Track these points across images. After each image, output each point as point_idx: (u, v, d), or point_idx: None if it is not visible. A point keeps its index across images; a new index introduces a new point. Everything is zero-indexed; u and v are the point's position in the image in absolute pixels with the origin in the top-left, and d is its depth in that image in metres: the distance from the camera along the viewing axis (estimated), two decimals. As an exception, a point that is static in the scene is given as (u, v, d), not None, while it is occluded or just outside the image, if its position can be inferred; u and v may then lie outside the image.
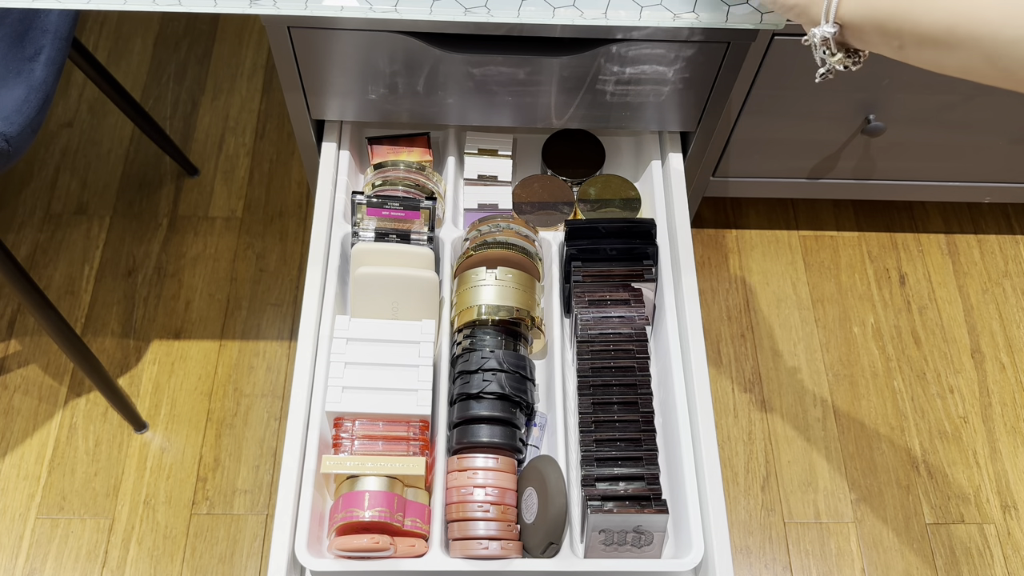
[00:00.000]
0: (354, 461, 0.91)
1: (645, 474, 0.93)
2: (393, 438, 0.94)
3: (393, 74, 1.04)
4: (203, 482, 1.34)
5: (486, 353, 0.96)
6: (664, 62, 1.02)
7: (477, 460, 0.92)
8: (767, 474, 1.38)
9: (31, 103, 1.08)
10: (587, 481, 0.93)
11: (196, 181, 1.63)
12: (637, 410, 0.97)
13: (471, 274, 1.02)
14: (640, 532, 0.89)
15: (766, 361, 1.48)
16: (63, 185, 1.61)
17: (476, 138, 1.18)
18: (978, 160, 1.42)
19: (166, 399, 1.41)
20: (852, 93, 1.28)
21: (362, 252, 1.03)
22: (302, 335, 1.00)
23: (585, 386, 0.99)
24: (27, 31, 1.13)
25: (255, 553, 1.29)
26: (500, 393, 0.94)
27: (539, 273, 1.06)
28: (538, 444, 1.02)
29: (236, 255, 1.55)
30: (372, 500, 0.88)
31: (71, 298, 1.49)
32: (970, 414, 1.45)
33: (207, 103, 1.72)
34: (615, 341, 1.01)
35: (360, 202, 1.04)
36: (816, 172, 1.44)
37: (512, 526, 0.91)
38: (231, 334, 1.46)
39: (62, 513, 1.31)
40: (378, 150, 1.15)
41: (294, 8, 0.91)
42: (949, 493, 1.38)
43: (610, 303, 1.04)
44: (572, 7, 0.92)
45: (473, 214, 1.13)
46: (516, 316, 1.00)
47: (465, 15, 0.91)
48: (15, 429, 1.37)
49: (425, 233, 1.05)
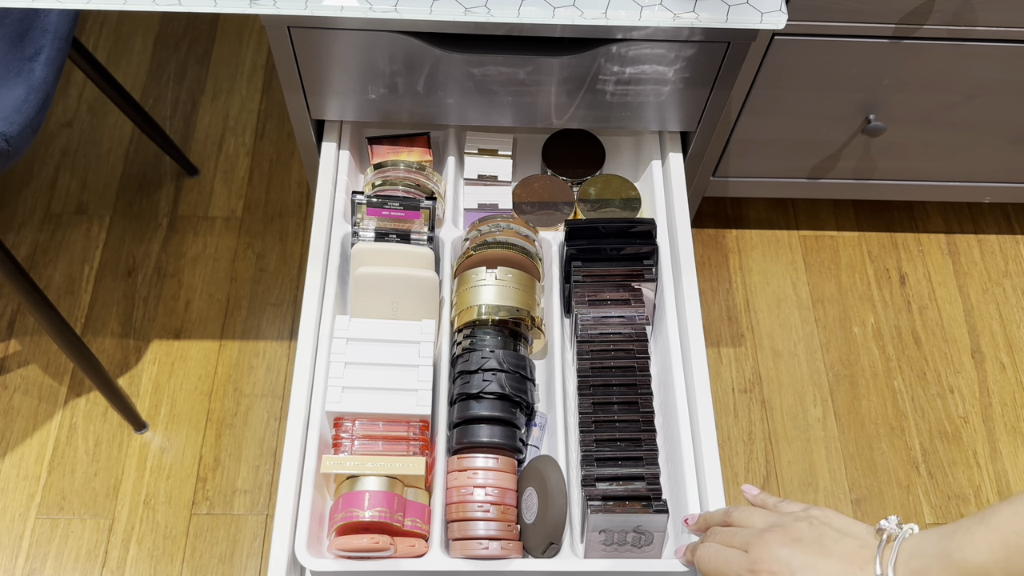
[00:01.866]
0: (354, 461, 0.91)
1: (645, 474, 0.93)
2: (393, 438, 0.94)
3: (393, 74, 1.04)
4: (203, 482, 1.34)
5: (486, 353, 0.96)
6: (664, 62, 1.02)
7: (477, 460, 0.92)
8: (767, 474, 1.38)
9: (31, 103, 1.08)
10: (587, 481, 0.93)
11: (196, 181, 1.63)
12: (637, 410, 0.97)
13: (471, 274, 1.02)
14: (640, 532, 0.89)
15: (766, 361, 1.48)
16: (63, 185, 1.61)
17: (476, 138, 1.18)
18: (978, 160, 1.42)
19: (166, 399, 1.41)
20: (852, 93, 1.28)
21: (362, 252, 1.03)
22: (302, 335, 1.00)
23: (585, 386, 0.99)
24: (27, 31, 1.12)
25: (255, 553, 1.29)
26: (500, 393, 0.94)
27: (539, 273, 1.06)
28: (538, 444, 1.02)
29: (236, 255, 1.55)
30: (372, 500, 0.88)
31: (71, 298, 1.49)
32: (970, 414, 1.45)
33: (207, 103, 1.72)
34: (615, 341, 1.01)
35: (360, 202, 1.04)
36: (816, 172, 1.44)
37: (512, 526, 0.90)
38: (231, 334, 1.46)
39: (62, 513, 1.31)
40: (378, 150, 1.15)
41: (294, 8, 0.91)
42: (949, 493, 1.38)
43: (610, 303, 1.04)
44: (572, 7, 0.92)
45: (473, 214, 1.13)
46: (516, 316, 1.00)
47: (465, 15, 0.91)
48: (15, 429, 1.37)
49: (425, 233, 1.05)
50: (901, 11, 1.14)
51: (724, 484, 0.93)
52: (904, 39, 1.19)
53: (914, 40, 1.19)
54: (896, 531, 0.63)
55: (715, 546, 0.74)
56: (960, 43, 1.20)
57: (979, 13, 1.15)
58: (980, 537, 0.56)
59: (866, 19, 1.15)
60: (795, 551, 0.66)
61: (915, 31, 1.17)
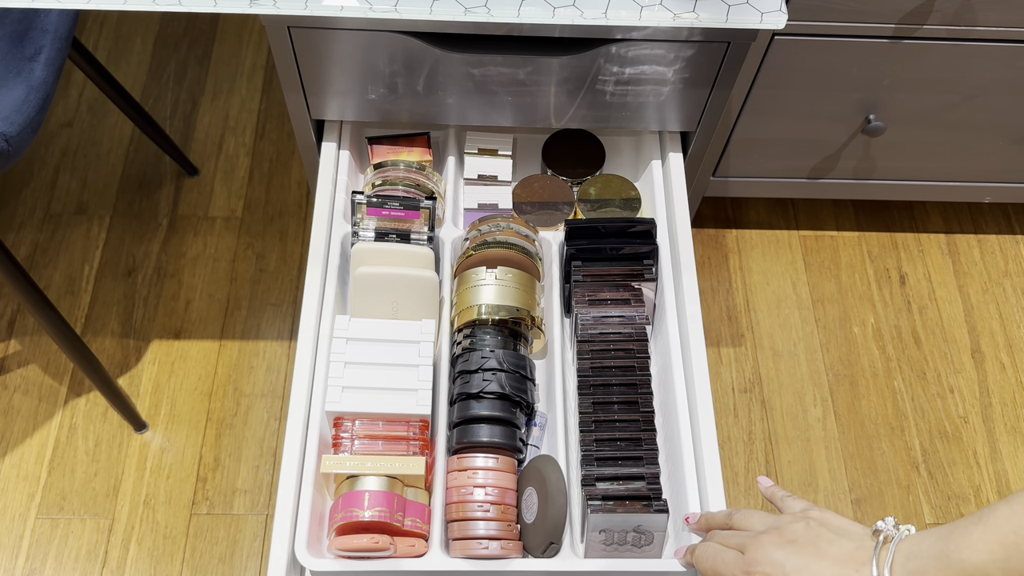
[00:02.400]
0: (354, 461, 0.91)
1: (645, 474, 0.93)
2: (393, 438, 0.94)
3: (393, 74, 1.04)
4: (203, 482, 1.34)
5: (486, 353, 0.96)
6: (664, 62, 1.02)
7: (477, 460, 0.92)
8: (767, 474, 1.38)
9: (31, 103, 1.07)
10: (587, 481, 0.93)
11: (196, 181, 1.63)
12: (637, 410, 0.97)
13: (471, 274, 1.02)
14: (640, 532, 0.89)
15: (766, 361, 1.48)
16: (63, 185, 1.61)
17: (476, 138, 1.18)
18: (978, 160, 1.42)
19: (166, 399, 1.41)
20: (852, 93, 1.28)
21: (362, 252, 1.03)
22: (302, 335, 1.00)
23: (585, 386, 0.99)
24: (27, 31, 1.12)
25: (255, 553, 1.29)
26: (500, 393, 0.94)
27: (539, 273, 1.06)
28: (538, 444, 1.02)
29: (236, 255, 1.55)
30: (372, 500, 0.88)
31: (71, 298, 1.49)
32: (970, 414, 1.45)
33: (207, 103, 1.72)
34: (615, 341, 1.01)
35: (360, 202, 1.03)
36: (816, 172, 1.44)
37: (512, 526, 0.90)
38: (231, 334, 1.46)
39: (62, 513, 1.31)
40: (378, 150, 1.15)
41: (294, 8, 0.91)
42: (949, 493, 1.38)
43: (610, 303, 1.04)
44: (572, 7, 0.92)
45: (473, 214, 1.13)
46: (516, 316, 1.00)
47: (465, 15, 0.91)
48: (15, 429, 1.37)
49: (425, 233, 1.05)
50: (901, 11, 1.14)
51: (724, 484, 0.93)
52: (904, 39, 1.19)
53: (914, 40, 1.19)
54: (893, 532, 0.63)
55: (713, 546, 0.74)
56: (960, 43, 1.20)
57: (979, 13, 1.15)
58: (978, 537, 0.56)
59: (866, 19, 1.15)
60: (790, 552, 0.66)
61: (915, 31, 1.17)
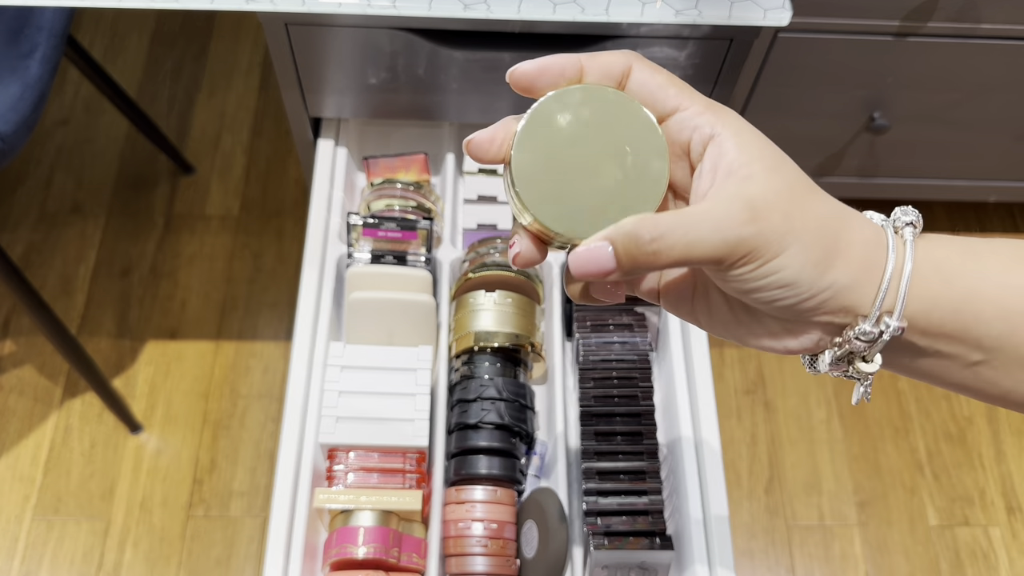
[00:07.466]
0: (348, 495, 0.88)
1: (650, 509, 0.90)
2: (389, 471, 0.91)
3: (391, 71, 1.03)
4: (199, 484, 1.33)
5: (484, 381, 0.93)
6: (666, 60, 1.01)
7: (475, 492, 0.89)
8: (771, 477, 1.37)
9: (26, 101, 1.07)
10: (589, 515, 0.90)
11: (192, 179, 1.61)
12: (641, 441, 0.94)
13: (469, 298, 0.98)
14: (644, 568, 0.87)
15: (769, 362, 1.47)
16: (58, 184, 1.60)
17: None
18: (983, 158, 1.41)
19: (162, 400, 1.39)
20: (856, 91, 1.27)
21: (357, 276, 0.99)
22: (294, 363, 0.96)
23: (588, 416, 0.95)
24: (22, 28, 1.11)
25: (252, 556, 1.28)
26: (499, 423, 0.91)
27: (539, 296, 1.03)
28: (538, 474, 0.98)
29: (232, 254, 1.53)
30: (367, 536, 0.85)
31: (66, 298, 1.48)
32: (975, 415, 1.44)
33: (203, 101, 1.71)
34: (618, 368, 0.98)
35: (355, 223, 1.01)
36: (820, 170, 1.43)
37: (511, 561, 0.87)
38: (227, 334, 1.45)
39: (57, 515, 1.30)
40: (375, 168, 1.13)
41: (291, 5, 0.90)
42: (954, 495, 1.37)
43: (612, 327, 1.00)
44: (573, 3, 0.91)
45: (472, 234, 1.10)
46: (515, 343, 0.96)
47: (464, 11, 0.90)
48: (10, 430, 1.36)
49: (422, 254, 1.02)
50: (905, 8, 1.13)
51: (727, 487, 0.92)
52: (908, 36, 1.18)
53: (918, 38, 1.18)
54: None
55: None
56: (964, 41, 1.19)
57: (983, 11, 1.14)
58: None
59: (870, 16, 1.14)
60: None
61: (919, 28, 1.16)
